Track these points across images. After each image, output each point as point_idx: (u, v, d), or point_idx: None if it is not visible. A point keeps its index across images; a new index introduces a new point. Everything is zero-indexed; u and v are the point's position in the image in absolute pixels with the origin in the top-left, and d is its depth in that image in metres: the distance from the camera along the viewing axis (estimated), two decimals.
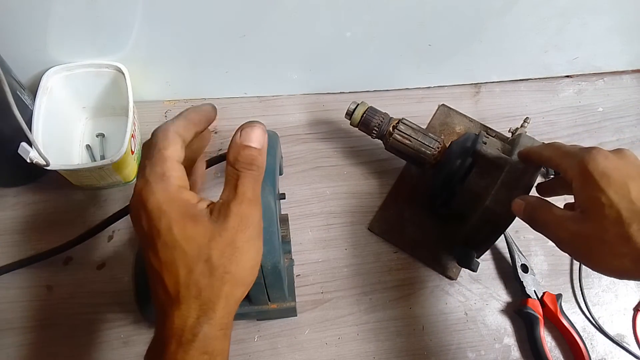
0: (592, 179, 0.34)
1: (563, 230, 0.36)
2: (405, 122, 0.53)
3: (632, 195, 0.33)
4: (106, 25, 0.49)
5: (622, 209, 0.32)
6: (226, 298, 0.30)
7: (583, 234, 0.34)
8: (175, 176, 0.31)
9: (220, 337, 0.30)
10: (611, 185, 0.33)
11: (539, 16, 0.55)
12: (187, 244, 0.30)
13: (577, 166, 0.35)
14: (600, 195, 0.33)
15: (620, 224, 0.32)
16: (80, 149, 0.57)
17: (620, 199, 0.33)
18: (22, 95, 0.48)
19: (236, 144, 0.31)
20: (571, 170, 0.36)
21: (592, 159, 0.34)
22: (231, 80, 0.60)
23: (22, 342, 0.48)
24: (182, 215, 0.30)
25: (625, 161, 0.35)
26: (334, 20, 0.52)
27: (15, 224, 0.53)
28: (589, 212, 0.34)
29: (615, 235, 0.33)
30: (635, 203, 0.32)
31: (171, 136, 0.32)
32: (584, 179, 0.35)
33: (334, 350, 0.50)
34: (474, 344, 0.51)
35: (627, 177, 0.33)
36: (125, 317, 0.50)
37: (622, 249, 0.32)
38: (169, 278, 0.30)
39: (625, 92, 0.67)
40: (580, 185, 0.35)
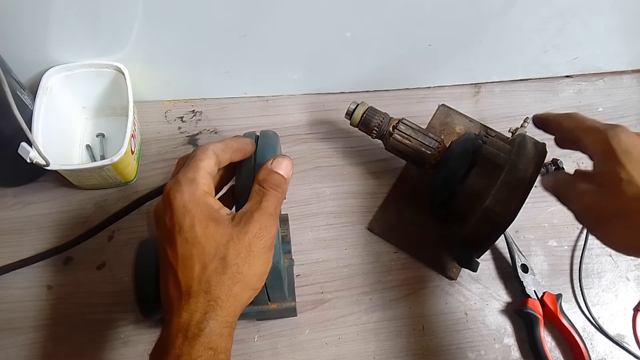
0: (614, 155, 0.34)
1: (581, 202, 0.36)
2: (405, 122, 0.53)
3: None
4: (106, 25, 0.49)
5: None
6: (234, 298, 0.32)
7: (600, 207, 0.35)
8: (203, 183, 0.34)
9: (225, 334, 0.32)
10: (631, 160, 0.33)
11: (539, 16, 0.55)
12: (206, 242, 0.32)
13: (600, 141, 0.35)
14: (620, 170, 0.33)
15: (638, 199, 0.32)
16: (80, 149, 0.57)
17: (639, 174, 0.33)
18: (22, 95, 0.48)
19: (267, 167, 0.37)
20: (593, 145, 0.36)
21: (616, 135, 0.35)
22: (231, 80, 0.60)
23: (22, 342, 0.48)
24: (205, 216, 0.33)
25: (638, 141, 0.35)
26: (334, 20, 0.52)
27: (15, 224, 0.53)
28: (608, 186, 0.34)
29: (632, 209, 0.33)
30: None
31: (208, 152, 0.36)
32: (606, 154, 0.35)
33: (334, 350, 0.50)
34: (474, 344, 0.51)
35: None
36: (125, 317, 0.50)
37: (638, 222, 0.33)
38: (183, 273, 0.32)
39: (626, 92, 0.67)
40: (602, 160, 0.35)
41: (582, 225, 0.37)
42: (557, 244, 0.57)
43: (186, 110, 0.62)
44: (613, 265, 0.56)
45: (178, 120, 0.61)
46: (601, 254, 0.57)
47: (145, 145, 0.59)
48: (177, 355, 0.30)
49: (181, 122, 0.61)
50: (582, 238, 0.57)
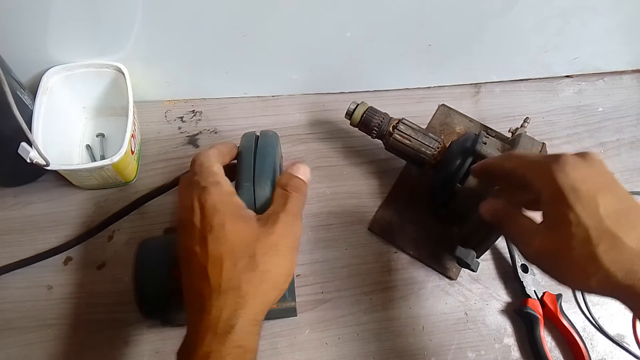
0: (560, 193, 0.32)
1: (529, 244, 0.35)
2: (405, 122, 0.53)
3: (600, 211, 0.31)
4: (106, 25, 0.49)
5: (590, 227, 0.31)
6: (263, 295, 0.33)
7: (549, 250, 0.33)
8: (227, 184, 0.36)
9: (253, 333, 0.32)
10: (580, 200, 0.31)
11: (539, 16, 0.55)
12: (236, 239, 0.33)
13: (544, 178, 0.33)
14: (568, 211, 0.32)
15: (588, 244, 0.31)
16: (80, 149, 0.57)
17: (588, 216, 0.31)
18: (22, 95, 0.48)
19: (289, 173, 0.38)
20: (538, 182, 0.34)
21: (561, 170, 0.33)
22: (231, 80, 0.60)
23: (22, 342, 0.48)
24: (234, 215, 0.34)
25: (594, 170, 0.33)
26: (334, 20, 0.52)
27: (15, 224, 0.53)
28: (557, 228, 0.33)
29: (582, 254, 0.31)
30: (603, 220, 0.31)
31: (211, 158, 0.37)
32: (551, 192, 0.33)
33: (334, 350, 0.50)
34: (474, 344, 0.51)
35: (596, 190, 0.32)
36: (125, 317, 0.50)
37: (589, 268, 0.31)
38: (213, 270, 0.32)
39: (626, 92, 0.67)
40: (548, 199, 0.33)
41: (527, 261, 0.36)
42: None
43: (186, 110, 0.62)
44: None
45: (178, 120, 0.61)
46: None
47: (145, 145, 0.59)
48: (206, 353, 0.30)
49: (181, 122, 0.61)
50: None
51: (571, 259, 0.32)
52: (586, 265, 0.31)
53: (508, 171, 0.37)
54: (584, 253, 0.31)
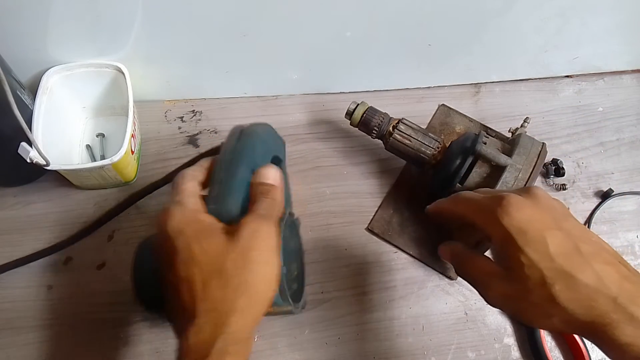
0: (509, 237, 0.32)
1: (489, 288, 0.34)
2: (405, 122, 0.53)
3: (550, 250, 0.31)
4: (106, 25, 0.49)
5: (543, 268, 0.31)
6: (242, 312, 0.31)
7: (509, 295, 0.33)
8: (190, 201, 0.34)
9: (234, 353, 0.30)
10: (529, 242, 0.31)
11: (539, 16, 0.55)
12: (203, 258, 0.31)
13: (491, 223, 0.33)
14: (519, 254, 0.31)
15: (544, 285, 0.31)
16: (80, 149, 0.57)
17: (539, 257, 0.31)
18: (22, 95, 0.48)
19: (256, 181, 0.36)
20: (487, 228, 0.33)
21: (506, 213, 0.32)
22: (231, 80, 0.60)
23: (22, 341, 0.48)
24: (198, 232, 0.32)
25: (539, 207, 0.33)
26: (334, 20, 0.52)
27: (15, 223, 0.53)
28: (512, 271, 0.32)
29: (540, 296, 0.31)
30: (555, 260, 0.31)
31: (187, 176, 0.36)
32: (500, 237, 0.32)
33: (333, 350, 0.50)
34: (474, 343, 0.51)
35: (544, 229, 0.31)
36: (125, 317, 0.50)
37: (550, 310, 0.31)
38: (185, 294, 0.31)
39: (626, 92, 0.67)
40: (499, 243, 0.33)
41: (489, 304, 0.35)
42: None
43: (186, 110, 0.62)
44: None
45: (178, 120, 0.61)
46: None
47: (145, 145, 0.59)
48: None
49: (181, 122, 0.61)
50: None
51: (530, 301, 0.31)
52: (546, 306, 0.31)
53: (459, 215, 0.37)
54: (542, 294, 0.31)
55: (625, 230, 0.58)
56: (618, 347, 0.29)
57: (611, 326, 0.29)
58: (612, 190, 0.59)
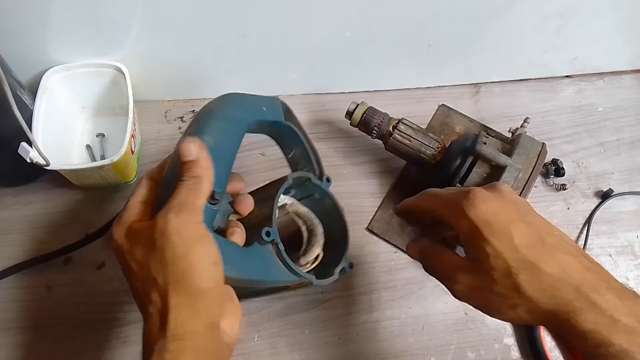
0: (475, 228, 0.32)
1: (456, 281, 0.34)
2: (405, 122, 0.53)
3: (515, 241, 0.32)
4: (106, 25, 0.49)
5: (508, 258, 0.31)
6: (175, 309, 0.30)
7: (476, 286, 0.33)
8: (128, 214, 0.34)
9: (175, 350, 0.29)
10: (494, 233, 0.32)
11: (538, 16, 0.55)
12: (135, 267, 0.32)
13: (458, 215, 0.34)
14: (484, 245, 0.32)
15: (509, 275, 0.31)
16: (80, 149, 0.57)
17: (504, 247, 0.32)
18: (22, 95, 0.48)
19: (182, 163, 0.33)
20: (454, 221, 0.34)
21: (472, 206, 0.33)
22: (231, 80, 0.60)
23: (21, 342, 0.48)
24: (132, 244, 0.32)
25: (504, 201, 0.34)
26: (334, 20, 0.52)
27: (15, 223, 0.53)
28: (478, 263, 0.33)
29: (505, 286, 0.32)
30: (519, 250, 0.31)
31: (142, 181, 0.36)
32: (467, 229, 0.33)
33: (333, 350, 0.50)
34: (474, 343, 0.51)
35: (509, 222, 0.32)
36: (124, 317, 0.50)
37: (515, 300, 0.32)
38: (137, 301, 0.32)
39: (625, 92, 0.67)
40: (465, 235, 0.33)
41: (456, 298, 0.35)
42: None
43: (186, 110, 0.61)
44: (613, 265, 0.56)
45: (178, 120, 0.61)
46: (601, 254, 0.57)
47: (145, 145, 0.59)
48: None
49: (181, 122, 0.61)
50: (582, 238, 0.57)
51: (496, 292, 0.32)
52: (511, 296, 0.32)
53: (427, 210, 0.38)
54: (507, 284, 0.32)
55: (625, 230, 0.58)
56: (580, 334, 0.30)
57: (574, 313, 0.30)
58: (612, 190, 0.59)
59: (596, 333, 0.29)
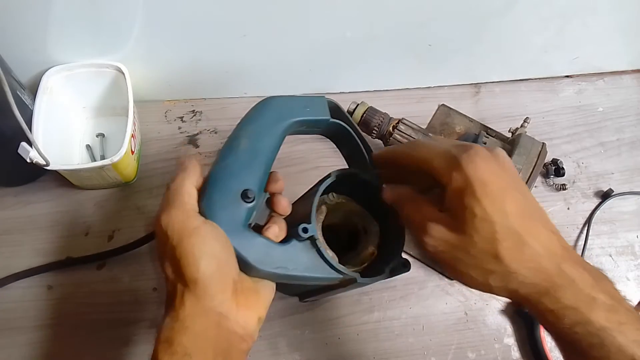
0: (469, 185, 0.30)
1: (429, 233, 0.32)
2: (405, 122, 0.53)
3: (507, 208, 0.30)
4: (106, 25, 0.49)
5: (496, 223, 0.30)
6: (179, 294, 0.31)
7: (450, 243, 0.31)
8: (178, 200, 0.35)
9: (178, 329, 0.31)
10: (488, 194, 0.30)
11: (539, 16, 0.55)
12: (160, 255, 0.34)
13: (453, 168, 0.31)
14: (475, 205, 0.30)
15: (492, 240, 0.30)
16: (80, 149, 0.57)
17: (495, 211, 0.30)
18: (22, 95, 0.48)
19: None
20: (446, 172, 0.32)
21: (471, 161, 0.31)
22: (231, 80, 0.60)
23: (22, 342, 0.48)
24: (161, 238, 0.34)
25: (503, 167, 0.32)
26: (334, 20, 0.52)
27: (15, 223, 0.53)
28: (461, 220, 0.31)
29: (484, 250, 0.30)
30: (509, 217, 0.30)
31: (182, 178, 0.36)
32: (459, 183, 0.31)
33: (333, 350, 0.50)
34: (474, 343, 0.51)
35: (505, 187, 0.31)
36: (125, 317, 0.50)
37: (490, 266, 0.30)
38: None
39: (626, 92, 0.67)
40: (455, 191, 0.31)
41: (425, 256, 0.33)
42: None
43: (186, 110, 0.62)
44: (613, 265, 0.56)
45: (178, 120, 0.61)
46: (601, 254, 0.57)
47: (145, 145, 0.59)
48: None
49: (181, 122, 0.61)
50: (582, 238, 0.57)
51: (472, 253, 0.31)
52: (487, 262, 0.30)
53: (415, 160, 0.34)
54: (487, 249, 0.30)
55: (625, 230, 0.58)
56: (557, 311, 0.29)
57: (554, 289, 0.30)
58: (612, 190, 0.59)
59: (575, 310, 0.29)
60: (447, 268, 0.33)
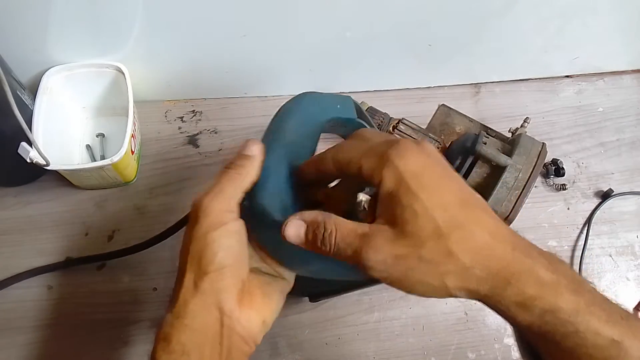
0: (402, 181, 0.28)
1: (370, 252, 0.28)
2: (406, 122, 0.53)
3: (445, 198, 0.28)
4: (106, 25, 0.49)
5: (437, 217, 0.27)
6: (184, 286, 0.30)
7: (398, 254, 0.27)
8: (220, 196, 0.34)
9: (177, 326, 0.30)
10: (424, 187, 0.27)
11: (539, 16, 0.55)
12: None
13: (383, 165, 0.28)
14: (412, 201, 0.27)
15: (439, 236, 0.27)
16: (80, 149, 0.57)
17: (434, 204, 0.27)
18: (22, 95, 0.48)
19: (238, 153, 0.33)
20: (377, 171, 0.29)
21: (401, 156, 0.28)
22: (231, 80, 0.60)
23: (22, 342, 0.48)
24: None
25: (432, 157, 0.30)
26: (334, 20, 0.52)
27: (15, 224, 0.53)
28: (401, 222, 0.27)
29: (434, 250, 0.27)
30: (449, 209, 0.27)
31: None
32: (392, 181, 0.28)
33: (333, 350, 0.50)
34: (474, 344, 0.51)
35: (438, 177, 0.29)
36: (125, 317, 0.50)
37: (445, 266, 0.27)
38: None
39: (626, 92, 0.67)
40: (388, 190, 0.28)
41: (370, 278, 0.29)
42: (557, 244, 0.57)
43: (186, 110, 0.61)
44: (613, 265, 0.56)
45: (178, 120, 0.61)
46: (601, 254, 0.57)
47: (145, 145, 0.59)
48: None
49: (181, 122, 0.61)
50: (582, 238, 0.57)
51: (423, 258, 0.27)
52: (441, 262, 0.27)
53: (343, 164, 0.32)
54: (437, 247, 0.27)
55: (625, 230, 0.58)
56: (522, 302, 0.27)
57: (514, 278, 0.27)
58: (612, 190, 0.59)
59: (541, 299, 0.27)
60: (401, 284, 0.28)
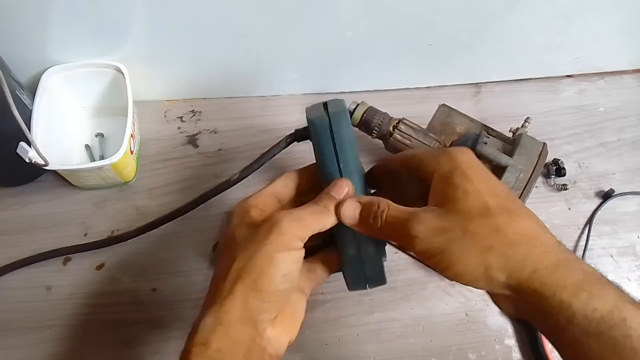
0: (458, 167, 0.31)
1: (416, 226, 0.30)
2: (406, 122, 0.53)
3: (495, 189, 0.31)
4: (105, 25, 0.49)
5: (488, 199, 0.30)
6: (231, 294, 0.30)
7: (442, 228, 0.30)
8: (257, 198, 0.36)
9: (220, 333, 0.30)
10: (476, 175, 0.31)
11: (540, 16, 0.55)
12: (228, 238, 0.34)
13: (439, 154, 0.33)
14: (466, 182, 0.30)
15: (487, 214, 0.29)
16: (79, 149, 0.57)
17: (486, 189, 0.30)
18: (21, 95, 0.48)
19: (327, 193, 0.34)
20: (434, 160, 0.33)
21: (457, 151, 0.33)
22: (231, 80, 0.60)
23: (21, 342, 0.48)
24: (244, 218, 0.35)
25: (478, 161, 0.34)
26: (334, 20, 0.52)
27: (14, 224, 0.53)
28: (451, 200, 0.30)
29: (482, 225, 0.29)
30: (500, 196, 0.31)
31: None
32: (447, 167, 0.32)
33: (334, 351, 0.50)
34: (475, 344, 0.51)
35: (488, 173, 0.32)
36: (124, 318, 0.50)
37: (490, 240, 0.29)
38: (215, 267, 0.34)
39: (627, 92, 0.67)
40: (443, 172, 0.32)
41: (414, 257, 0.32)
42: None
43: (186, 110, 0.61)
44: (614, 265, 0.56)
45: (178, 120, 0.61)
46: (602, 255, 0.57)
47: (145, 145, 0.59)
48: None
49: (181, 122, 0.61)
50: (583, 239, 0.57)
51: (468, 230, 0.29)
52: (486, 235, 0.29)
53: (406, 159, 0.36)
54: (484, 223, 0.29)
55: (626, 230, 0.58)
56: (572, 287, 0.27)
57: (561, 264, 0.28)
58: (614, 190, 0.59)
59: (589, 284, 0.27)
60: (441, 257, 0.30)
